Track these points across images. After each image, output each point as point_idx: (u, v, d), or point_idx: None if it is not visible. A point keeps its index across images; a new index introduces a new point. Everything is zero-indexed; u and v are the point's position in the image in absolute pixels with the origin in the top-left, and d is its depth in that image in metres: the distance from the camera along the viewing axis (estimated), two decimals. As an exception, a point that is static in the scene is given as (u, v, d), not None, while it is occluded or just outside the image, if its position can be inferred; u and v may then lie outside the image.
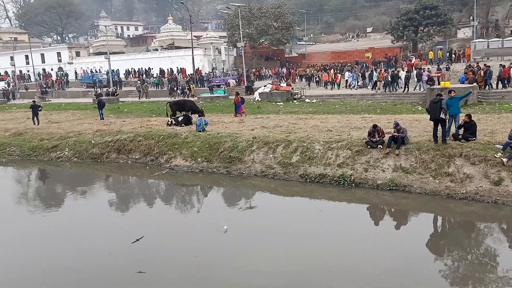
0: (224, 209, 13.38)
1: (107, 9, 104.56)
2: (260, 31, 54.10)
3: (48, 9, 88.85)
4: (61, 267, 9.41)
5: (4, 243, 10.83)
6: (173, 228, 11.59)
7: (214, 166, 16.20)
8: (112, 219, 12.63)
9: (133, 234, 10.55)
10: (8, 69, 66.86)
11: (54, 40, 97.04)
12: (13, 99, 48.21)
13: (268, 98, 31.86)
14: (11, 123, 26.62)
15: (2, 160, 20.01)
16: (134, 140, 18.98)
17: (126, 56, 60.04)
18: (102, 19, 79.72)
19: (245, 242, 10.29)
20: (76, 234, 11.15)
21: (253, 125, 19.87)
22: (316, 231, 10.58)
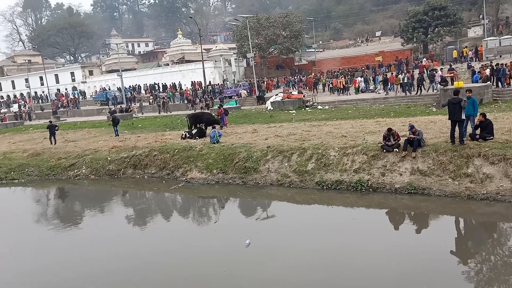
0: (243, 220, 13.36)
1: (117, 28, 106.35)
2: (269, 40, 54.37)
3: (60, 30, 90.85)
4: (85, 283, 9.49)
5: (26, 261, 10.97)
6: (195, 241, 11.52)
7: (230, 177, 16.22)
8: (132, 235, 12.69)
9: (155, 249, 10.61)
10: (23, 91, 68.34)
11: (67, 61, 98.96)
12: (29, 120, 49.13)
13: (280, 106, 31.90)
14: (29, 143, 27.08)
15: (21, 180, 20.33)
16: (150, 155, 19.13)
17: (138, 72, 60.87)
18: (113, 38, 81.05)
19: (267, 252, 10.17)
20: (97, 250, 11.24)
21: (266, 134, 19.89)
22: (335, 237, 10.49)
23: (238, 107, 35.88)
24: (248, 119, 27.62)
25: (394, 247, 9.85)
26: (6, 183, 20.27)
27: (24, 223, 14.81)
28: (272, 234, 11.39)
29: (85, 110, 50.87)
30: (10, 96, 69.74)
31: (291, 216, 12.82)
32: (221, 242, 11.10)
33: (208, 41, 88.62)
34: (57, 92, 63.22)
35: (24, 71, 69.91)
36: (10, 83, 71.86)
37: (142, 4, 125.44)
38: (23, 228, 14.09)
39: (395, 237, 10.71)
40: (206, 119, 22.26)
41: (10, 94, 70.49)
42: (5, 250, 12.04)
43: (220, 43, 66.09)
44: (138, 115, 40.78)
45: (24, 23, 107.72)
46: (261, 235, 11.30)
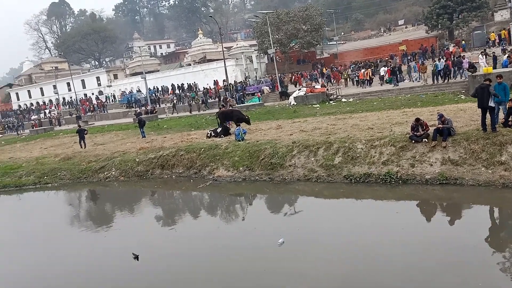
0: (272, 216, 13.35)
1: (139, 31, 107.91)
2: (290, 35, 54.06)
3: (84, 36, 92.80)
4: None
5: (64, 262, 11.29)
6: (228, 239, 11.54)
7: (256, 174, 16.24)
8: (165, 235, 12.88)
9: (190, 248, 10.73)
10: (52, 97, 70.24)
11: (93, 65, 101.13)
12: (59, 125, 50.48)
13: (304, 101, 31.69)
14: (60, 148, 27.84)
15: (54, 184, 20.93)
16: (177, 155, 19.36)
17: (161, 74, 61.62)
18: (135, 41, 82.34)
19: (302, 248, 10.08)
20: (131, 250, 11.47)
21: (291, 129, 19.82)
22: (366, 230, 10.36)
23: (261, 104, 35.85)
24: (272, 115, 27.57)
25: (429, 238, 9.64)
26: (40, 188, 20.93)
27: (60, 225, 15.25)
28: (303, 229, 11.30)
29: (111, 114, 51.88)
30: (40, 102, 71.82)
31: (320, 211, 12.75)
32: (254, 239, 11.09)
33: (229, 39, 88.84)
34: (81, 98, 64.65)
35: (51, 78, 71.84)
36: (39, 90, 73.99)
37: (162, 6, 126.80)
38: (60, 231, 14.51)
39: (429, 228, 10.49)
40: (235, 116, 22.18)
41: (39, 101, 72.60)
42: (46, 250, 12.43)
43: (241, 41, 66.13)
44: (170, 115, 40.99)
45: (50, 30, 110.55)
46: (293, 231, 11.23)
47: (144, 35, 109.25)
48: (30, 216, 17.12)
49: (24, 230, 15.02)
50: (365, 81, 34.53)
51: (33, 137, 39.63)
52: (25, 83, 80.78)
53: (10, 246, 13.39)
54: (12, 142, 38.65)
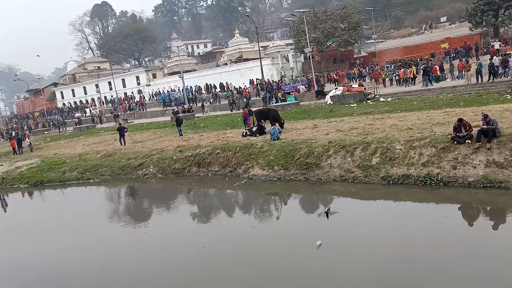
0: (308, 217, 13.22)
1: (177, 31, 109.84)
2: (327, 34, 53.48)
3: (125, 37, 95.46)
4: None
5: (104, 256, 11.66)
6: (263, 240, 11.50)
7: (292, 174, 16.17)
8: (200, 232, 13.06)
9: (227, 248, 10.83)
10: (94, 96, 72.75)
11: (132, 65, 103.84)
12: (100, 123, 52.19)
13: (340, 100, 31.28)
14: (101, 145, 28.77)
15: (96, 180, 21.67)
16: (213, 153, 19.57)
17: (198, 73, 62.52)
18: (173, 41, 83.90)
19: (339, 250, 9.98)
20: (169, 245, 11.70)
21: (327, 129, 19.60)
22: (404, 232, 10.10)
23: (297, 103, 35.67)
24: (308, 115, 27.37)
25: (469, 243, 9.29)
26: (82, 183, 21.73)
27: (100, 219, 15.77)
28: (340, 231, 11.13)
29: (150, 112, 53.10)
30: (82, 101, 74.54)
31: (357, 212, 12.52)
32: (291, 240, 10.98)
33: (265, 38, 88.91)
34: (120, 97, 66.39)
35: (94, 77, 74.35)
36: (82, 89, 76.84)
37: (200, 6, 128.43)
38: (100, 224, 15.01)
39: (469, 232, 10.10)
40: (272, 115, 22.05)
41: (82, 99, 75.36)
42: (86, 244, 12.89)
43: (277, 40, 66.10)
44: (209, 113, 41.33)
45: (92, 31, 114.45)
46: (330, 232, 11.08)
47: (182, 35, 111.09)
48: (73, 210, 17.78)
49: (66, 224, 15.62)
50: (407, 79, 33.38)
51: (76, 134, 41.19)
52: (69, 82, 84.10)
53: (52, 238, 13.95)
54: (57, 138, 40.29)
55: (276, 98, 38.91)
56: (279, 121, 21.56)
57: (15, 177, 24.22)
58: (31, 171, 24.50)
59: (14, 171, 25.14)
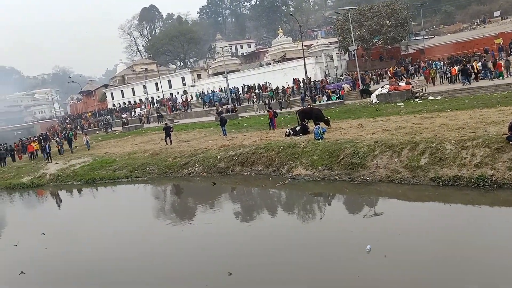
0: (354, 218, 12.97)
1: (221, 31, 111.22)
2: (373, 31, 52.27)
3: (171, 39, 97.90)
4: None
5: (150, 254, 12.01)
6: (309, 241, 11.33)
7: (336, 174, 15.94)
8: (243, 231, 13.17)
9: (270, 248, 10.82)
10: (142, 97, 75.09)
11: (178, 66, 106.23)
12: (148, 123, 53.77)
13: (387, 99, 30.44)
14: (148, 144, 29.67)
15: (143, 178, 22.39)
16: (256, 153, 19.67)
17: (241, 73, 62.95)
18: (218, 41, 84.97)
19: (388, 252, 9.62)
20: (212, 243, 11.89)
21: (373, 128, 19.16)
22: (455, 235, 9.69)
23: (342, 102, 35.10)
24: (353, 114, 26.87)
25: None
26: (131, 181, 22.51)
27: (148, 216, 16.27)
28: (388, 233, 10.82)
29: (195, 112, 54.10)
30: (131, 101, 77.14)
31: (404, 214, 12.16)
32: (338, 241, 10.83)
33: (309, 37, 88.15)
34: (162, 98, 67.93)
35: (142, 79, 76.73)
36: (131, 90, 79.54)
37: (244, 7, 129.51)
38: (149, 221, 15.49)
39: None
40: (315, 114, 21.84)
41: (131, 100, 78.01)
42: (136, 238, 13.35)
43: (321, 38, 65.35)
44: (258, 112, 41.10)
45: (141, 34, 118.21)
46: (377, 235, 10.80)
47: (226, 36, 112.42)
48: (122, 207, 18.47)
49: (116, 220, 16.23)
50: (470, 74, 31.23)
51: (125, 134, 42.69)
52: (118, 84, 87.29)
53: (101, 235, 14.53)
54: (107, 138, 41.95)
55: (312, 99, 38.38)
56: (323, 120, 21.31)
57: (69, 175, 25.49)
58: (84, 169, 25.69)
59: (68, 169, 26.46)
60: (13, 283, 11.26)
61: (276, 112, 27.84)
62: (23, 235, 16.07)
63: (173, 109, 57.16)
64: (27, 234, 16.32)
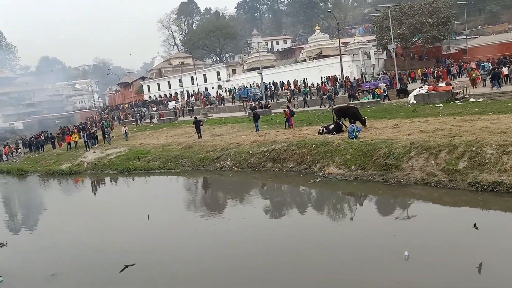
0: (387, 221, 12.61)
1: (258, 27, 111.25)
2: (413, 30, 50.85)
3: (208, 33, 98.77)
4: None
5: (181, 244, 12.20)
6: (341, 244, 11.16)
7: (369, 174, 15.66)
8: (272, 229, 13.16)
9: (301, 248, 10.76)
10: (177, 90, 76.27)
11: (214, 61, 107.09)
12: (182, 116, 54.56)
13: (425, 100, 29.58)
14: (182, 137, 30.13)
15: (176, 170, 22.77)
16: (288, 149, 19.59)
17: (276, 70, 62.79)
18: (254, 37, 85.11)
19: (426, 258, 9.34)
20: (241, 239, 11.95)
21: (409, 129, 18.68)
22: (493, 243, 9.32)
23: (377, 101, 34.39)
24: (389, 114, 26.29)
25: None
26: (164, 172, 22.95)
27: (180, 208, 16.54)
28: (424, 238, 10.49)
29: (228, 107, 54.44)
30: (167, 94, 78.49)
31: (440, 219, 11.76)
32: (371, 244, 10.59)
33: (346, 34, 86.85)
34: (195, 92, 68.59)
35: (178, 72, 77.81)
36: (167, 83, 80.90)
37: (282, 3, 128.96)
38: (179, 213, 15.75)
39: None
40: (351, 113, 21.45)
41: (166, 93, 79.36)
42: (169, 230, 13.61)
43: (359, 36, 64.15)
44: (299, 109, 40.62)
45: (178, 28, 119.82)
46: (413, 239, 10.50)
47: (262, 32, 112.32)
48: (155, 198, 18.83)
49: (147, 210, 16.57)
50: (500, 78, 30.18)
51: (159, 126, 43.52)
52: (155, 77, 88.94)
53: (134, 224, 14.87)
54: (143, 129, 42.91)
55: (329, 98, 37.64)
56: (359, 118, 20.97)
57: (106, 164, 26.26)
58: (120, 158, 26.40)
59: (105, 158, 27.25)
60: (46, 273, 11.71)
61: (292, 111, 28.15)
62: (60, 220, 16.71)
63: (207, 103, 57.73)
64: (64, 219, 16.93)
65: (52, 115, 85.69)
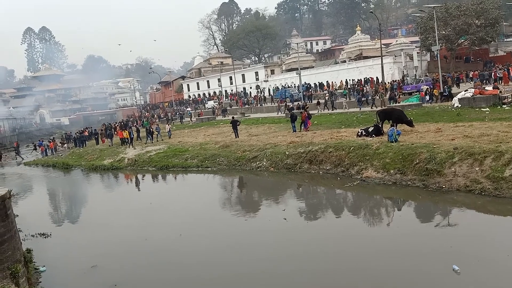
0: (427, 229, 12.13)
1: (297, 27, 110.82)
2: (459, 31, 49.03)
3: (248, 33, 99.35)
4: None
5: (218, 241, 12.34)
6: (382, 250, 10.78)
7: (409, 179, 15.25)
8: (305, 231, 13.07)
9: (335, 251, 10.63)
10: (216, 90, 77.22)
11: (252, 61, 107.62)
12: (223, 116, 55.13)
13: (470, 103, 28.45)
14: (219, 136, 30.46)
15: (213, 168, 23.05)
16: (325, 151, 19.39)
17: (315, 70, 62.32)
18: (293, 37, 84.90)
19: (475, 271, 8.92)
20: (273, 240, 11.93)
21: (453, 134, 18.04)
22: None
23: (419, 104, 33.41)
24: (431, 117, 25.48)
25: None
26: (201, 170, 23.29)
27: (219, 206, 16.72)
28: (471, 248, 10.05)
29: (266, 107, 54.54)
30: (206, 94, 79.62)
31: (485, 229, 11.29)
32: (413, 251, 10.28)
33: (388, 35, 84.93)
34: (232, 92, 69.07)
35: (217, 72, 78.80)
36: (206, 83, 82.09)
37: (322, 3, 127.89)
38: (219, 211, 15.93)
39: None
40: (396, 115, 20.78)
41: (205, 92, 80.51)
42: (206, 228, 13.80)
43: (401, 37, 62.64)
44: (349, 109, 39.92)
45: (219, 28, 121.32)
46: (458, 250, 10.10)
47: (302, 32, 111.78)
48: (192, 195, 19.14)
49: (184, 207, 16.87)
50: None
51: (198, 125, 44.21)
52: (195, 76, 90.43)
53: (171, 221, 15.17)
54: (181, 128, 43.74)
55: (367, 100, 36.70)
56: (405, 121, 20.30)
57: (145, 160, 26.95)
58: (159, 156, 27.02)
59: (145, 155, 27.96)
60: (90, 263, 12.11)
61: (310, 113, 28.17)
62: (101, 214, 17.30)
63: (244, 103, 58.10)
64: (105, 213, 17.50)
65: (96, 112, 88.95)
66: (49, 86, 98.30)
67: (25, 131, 72.60)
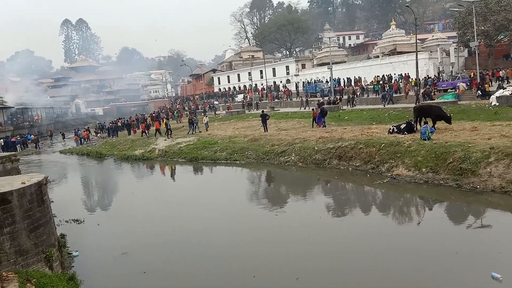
0: (463, 230, 11.78)
1: (330, 21, 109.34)
2: (499, 27, 47.17)
3: (279, 27, 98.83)
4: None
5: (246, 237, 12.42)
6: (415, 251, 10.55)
7: (441, 178, 14.87)
8: (333, 227, 12.98)
9: (361, 250, 10.56)
10: (246, 83, 77.34)
11: (283, 55, 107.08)
12: (256, 109, 55.25)
13: (509, 102, 27.37)
14: (248, 130, 30.56)
15: (241, 162, 23.17)
16: (355, 148, 19.14)
17: (347, 65, 61.39)
18: (326, 32, 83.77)
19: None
20: (301, 235, 11.91)
21: (489, 133, 17.45)
22: None
23: (455, 102, 32.41)
24: (467, 116, 24.69)
25: None
26: (230, 163, 23.47)
27: (247, 200, 16.83)
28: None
29: (295, 102, 54.20)
30: (236, 87, 79.93)
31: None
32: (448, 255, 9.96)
33: (424, 30, 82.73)
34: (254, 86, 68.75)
35: (248, 65, 78.80)
36: (236, 76, 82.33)
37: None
38: (249, 205, 16.03)
39: None
40: (435, 112, 20.13)
41: (235, 86, 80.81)
42: (233, 221, 13.93)
43: (438, 32, 60.81)
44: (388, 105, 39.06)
45: (250, 22, 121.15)
46: (495, 254, 9.81)
47: (334, 26, 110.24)
48: (219, 187, 19.33)
49: (213, 201, 17.06)
50: None
51: (227, 118, 44.46)
52: (226, 69, 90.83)
53: (200, 213, 15.38)
54: (211, 120, 44.03)
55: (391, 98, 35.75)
56: (444, 117, 19.72)
57: (175, 152, 27.38)
58: (189, 147, 27.39)
59: (175, 146, 28.41)
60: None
61: (325, 110, 28.37)
62: (133, 203, 17.72)
63: (274, 97, 57.98)
64: (136, 202, 17.92)
65: (129, 103, 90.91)
66: (85, 77, 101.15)
67: (61, 120, 75.14)
